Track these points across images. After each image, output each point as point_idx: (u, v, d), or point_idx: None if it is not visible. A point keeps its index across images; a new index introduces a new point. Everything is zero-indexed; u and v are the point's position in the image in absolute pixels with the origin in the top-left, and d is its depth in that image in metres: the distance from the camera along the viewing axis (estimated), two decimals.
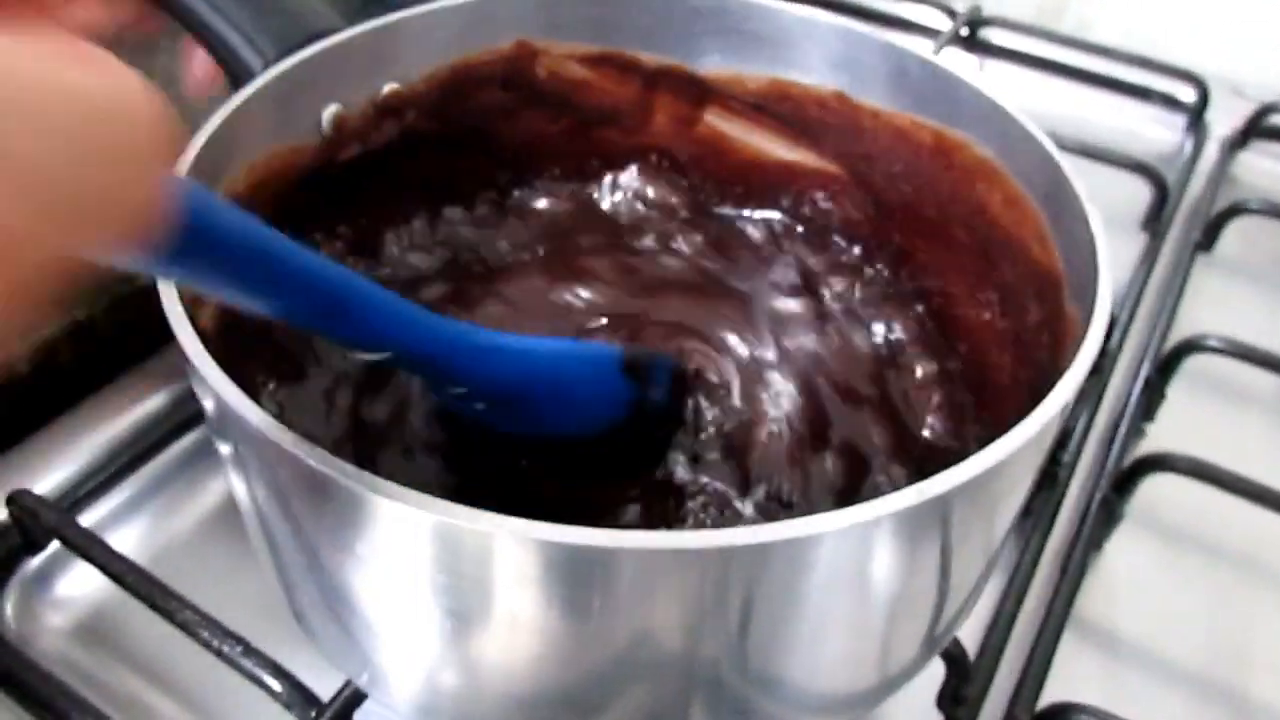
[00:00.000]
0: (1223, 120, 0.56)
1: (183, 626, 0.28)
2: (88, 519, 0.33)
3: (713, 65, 0.37)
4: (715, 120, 0.39)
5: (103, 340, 0.37)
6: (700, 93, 0.38)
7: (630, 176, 0.40)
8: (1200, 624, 0.34)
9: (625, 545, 0.18)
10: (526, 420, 0.29)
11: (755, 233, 0.39)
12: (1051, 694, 0.30)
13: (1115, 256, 0.46)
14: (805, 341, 0.35)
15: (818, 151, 0.38)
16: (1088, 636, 0.33)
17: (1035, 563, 0.34)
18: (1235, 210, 0.46)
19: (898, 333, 0.36)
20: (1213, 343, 0.38)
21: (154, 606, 0.29)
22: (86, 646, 0.31)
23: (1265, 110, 0.54)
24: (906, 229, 0.37)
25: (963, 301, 0.36)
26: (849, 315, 0.37)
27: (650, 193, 0.40)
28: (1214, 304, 0.45)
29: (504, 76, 0.36)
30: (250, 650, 0.27)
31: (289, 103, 0.30)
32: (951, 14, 0.59)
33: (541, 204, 0.40)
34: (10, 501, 0.31)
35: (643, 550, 0.19)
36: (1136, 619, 0.34)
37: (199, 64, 0.33)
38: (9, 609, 0.31)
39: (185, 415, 0.35)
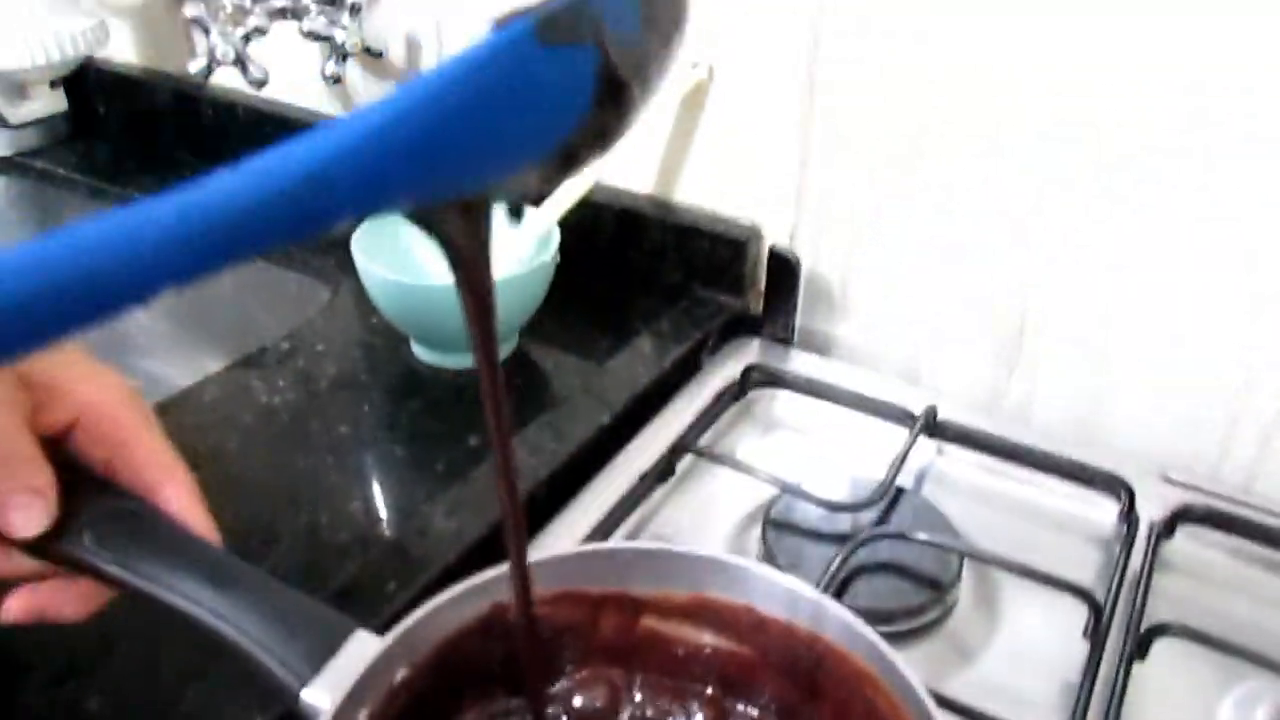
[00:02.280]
0: (1154, 504, 0.64)
1: None
2: None
3: (646, 588, 0.46)
4: (649, 622, 0.47)
5: None
6: (637, 606, 0.46)
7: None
8: None
9: None
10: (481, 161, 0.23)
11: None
12: None
13: (1063, 661, 0.55)
14: None
15: (736, 639, 0.46)
16: None
17: None
18: (1161, 630, 0.54)
19: None
20: None
21: None
22: None
23: (1185, 507, 0.63)
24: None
25: None
26: None
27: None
28: (1154, 710, 0.52)
29: (483, 629, 0.43)
30: None
31: None
32: (912, 417, 0.69)
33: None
34: None
35: None
36: None
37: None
38: None
39: None
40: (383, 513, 0.63)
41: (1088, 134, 0.65)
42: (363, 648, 0.38)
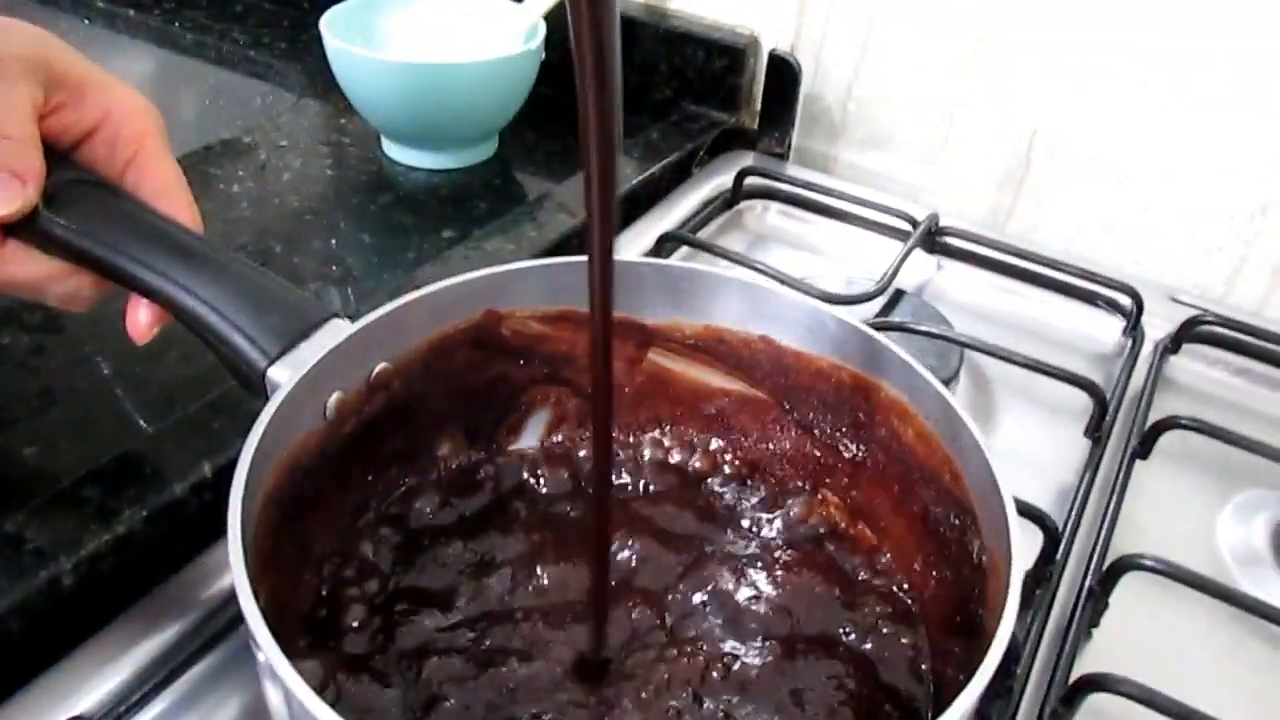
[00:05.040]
0: (1158, 325, 0.62)
1: None
2: None
3: (656, 315, 0.44)
4: (657, 358, 0.46)
5: (142, 552, 0.40)
6: (645, 336, 0.45)
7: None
8: None
9: None
10: None
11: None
12: None
13: (1060, 463, 0.52)
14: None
15: (749, 382, 0.45)
16: None
17: None
18: (1168, 424, 0.51)
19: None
20: (1149, 563, 0.42)
21: None
22: None
23: (1194, 320, 0.60)
24: (831, 455, 0.44)
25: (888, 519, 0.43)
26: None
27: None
28: (1153, 511, 0.50)
29: (475, 339, 0.42)
30: None
31: (303, 401, 0.35)
32: (913, 222, 0.65)
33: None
34: None
35: None
36: None
37: (142, 311, 0.38)
38: None
39: (219, 626, 0.39)
40: (337, 292, 0.59)
41: None
42: (337, 334, 0.36)
